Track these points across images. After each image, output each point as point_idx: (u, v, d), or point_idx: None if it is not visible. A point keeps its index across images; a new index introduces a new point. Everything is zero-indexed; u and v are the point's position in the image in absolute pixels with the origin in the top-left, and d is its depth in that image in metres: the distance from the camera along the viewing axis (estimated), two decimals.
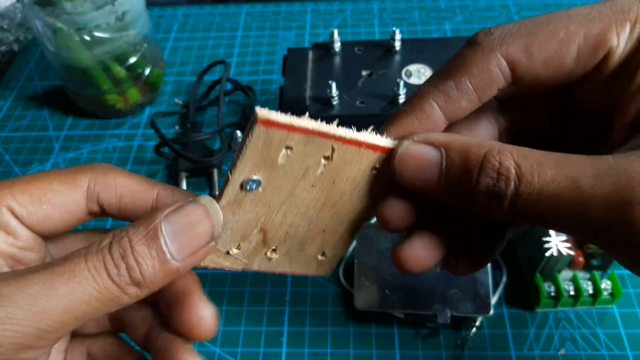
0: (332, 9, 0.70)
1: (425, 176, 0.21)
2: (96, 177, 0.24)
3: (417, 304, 0.39)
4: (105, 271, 0.20)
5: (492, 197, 0.20)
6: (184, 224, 0.21)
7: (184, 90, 0.61)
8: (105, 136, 0.56)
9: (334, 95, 0.41)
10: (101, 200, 0.24)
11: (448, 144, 0.21)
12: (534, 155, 0.19)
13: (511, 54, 0.22)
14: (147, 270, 0.20)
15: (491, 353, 0.38)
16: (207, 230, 0.22)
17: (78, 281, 0.19)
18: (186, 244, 0.21)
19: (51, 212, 0.23)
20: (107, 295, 0.20)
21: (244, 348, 0.40)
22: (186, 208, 0.21)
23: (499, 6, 0.67)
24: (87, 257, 0.20)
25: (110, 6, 0.49)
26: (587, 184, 0.18)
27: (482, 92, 0.23)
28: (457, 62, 0.23)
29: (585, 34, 0.21)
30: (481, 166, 0.20)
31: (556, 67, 0.22)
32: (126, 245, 0.20)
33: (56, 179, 0.24)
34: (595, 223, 0.19)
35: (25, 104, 0.61)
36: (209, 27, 0.69)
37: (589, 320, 0.39)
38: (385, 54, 0.45)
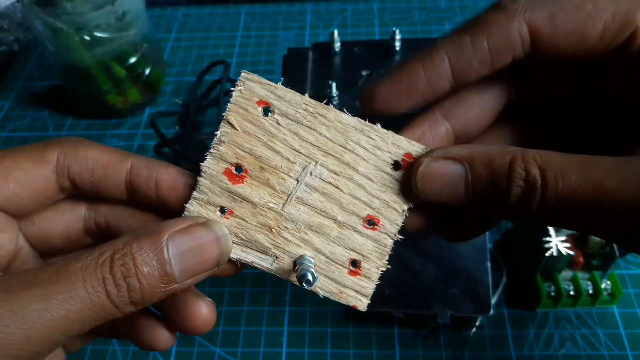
0: (332, 9, 0.70)
1: (450, 191, 0.21)
2: (65, 150, 0.23)
3: (417, 304, 0.39)
4: (105, 291, 0.19)
5: (522, 203, 0.20)
6: (193, 248, 0.20)
7: (184, 90, 0.61)
8: (105, 136, 0.56)
9: (334, 95, 0.41)
10: (72, 175, 0.23)
11: (471, 156, 0.21)
12: (557, 160, 0.19)
13: (535, 20, 0.21)
14: (147, 292, 0.20)
15: (491, 353, 0.38)
16: (214, 258, 0.21)
17: (74, 302, 0.18)
18: (191, 269, 0.20)
19: (19, 190, 0.22)
20: (101, 313, 0.19)
21: (244, 348, 0.40)
22: (196, 231, 0.21)
23: None
24: (85, 274, 0.19)
25: (110, 6, 0.49)
26: (612, 188, 0.18)
27: (497, 55, 0.22)
28: (479, 20, 0.22)
29: (614, 10, 0.21)
30: (509, 177, 0.20)
31: (579, 41, 0.21)
32: (130, 265, 0.19)
33: (22, 155, 0.23)
34: (622, 228, 0.19)
35: (25, 104, 0.61)
36: (209, 27, 0.69)
37: (589, 320, 0.39)
38: (385, 54, 0.45)
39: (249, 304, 0.42)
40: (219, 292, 0.43)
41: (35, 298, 0.18)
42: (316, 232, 0.23)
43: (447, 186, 0.21)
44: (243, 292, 0.43)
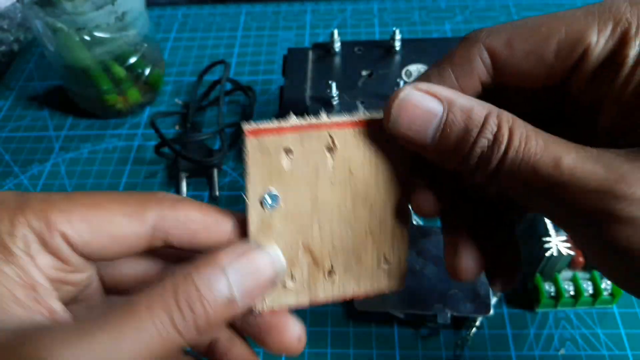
0: (332, 9, 0.70)
1: (419, 127, 0.21)
2: (164, 212, 0.23)
3: (417, 304, 0.39)
4: (170, 320, 0.19)
5: (482, 158, 0.20)
6: (250, 271, 0.21)
7: (184, 90, 0.61)
8: (105, 136, 0.56)
9: (334, 95, 0.41)
10: (170, 239, 0.23)
11: (452, 99, 0.21)
12: (528, 127, 0.20)
13: (493, 44, 0.22)
14: (212, 317, 0.20)
15: (491, 353, 0.38)
16: (270, 279, 0.22)
17: (142, 336, 0.19)
18: (250, 291, 0.21)
19: (108, 244, 0.22)
20: (167, 344, 0.19)
21: None
22: (252, 255, 0.22)
23: (499, 6, 0.67)
24: (151, 305, 0.19)
25: (110, 6, 0.49)
26: (567, 165, 0.19)
27: (464, 81, 0.23)
28: (448, 53, 0.24)
29: (566, 30, 0.22)
30: (482, 127, 0.20)
31: (536, 60, 0.22)
32: (193, 292, 0.20)
33: (120, 209, 0.22)
34: (569, 206, 0.19)
35: (25, 104, 0.61)
36: (209, 27, 0.69)
37: (589, 320, 0.39)
38: (385, 54, 0.45)
39: None
40: None
41: (106, 337, 0.18)
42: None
43: (419, 119, 0.21)
44: None
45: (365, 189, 0.23)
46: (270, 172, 0.21)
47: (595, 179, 0.18)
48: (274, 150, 0.21)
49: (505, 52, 0.22)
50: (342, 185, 0.23)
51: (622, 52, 0.21)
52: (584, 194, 0.18)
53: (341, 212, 0.23)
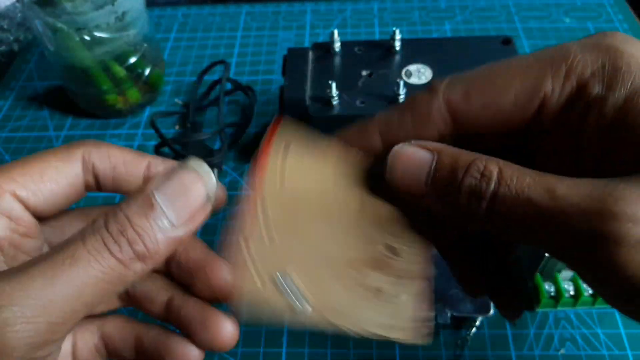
0: (332, 9, 0.70)
1: (413, 175, 0.22)
2: (89, 148, 0.24)
3: None
4: (107, 249, 0.19)
5: (473, 197, 0.21)
6: (177, 189, 0.21)
7: (184, 90, 0.61)
8: (105, 136, 0.56)
9: (334, 95, 0.41)
10: (96, 170, 0.24)
11: (441, 149, 0.22)
12: (518, 167, 0.20)
13: (451, 98, 0.23)
14: (149, 241, 0.20)
15: (491, 353, 0.38)
16: (201, 192, 0.22)
17: (80, 265, 0.19)
18: (182, 209, 0.21)
19: (55, 188, 0.23)
20: (112, 274, 0.19)
21: (244, 348, 0.40)
22: (177, 173, 0.22)
23: (499, 6, 0.67)
24: (85, 239, 0.20)
25: (110, 6, 0.49)
26: (562, 193, 0.19)
27: (420, 130, 0.24)
28: (409, 99, 0.25)
29: (522, 80, 0.22)
30: (468, 168, 0.21)
31: (495, 113, 0.23)
32: (123, 220, 0.20)
33: (51, 156, 0.24)
34: (567, 235, 0.19)
35: (25, 104, 0.61)
36: (209, 27, 0.69)
37: (589, 320, 0.39)
38: (385, 54, 0.45)
39: None
40: None
41: (41, 269, 0.19)
42: None
43: (413, 168, 0.22)
44: None
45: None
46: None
47: (592, 202, 0.18)
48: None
49: (463, 105, 0.23)
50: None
51: (583, 93, 0.21)
52: (582, 218, 0.18)
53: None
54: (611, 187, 0.18)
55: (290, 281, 0.23)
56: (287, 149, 0.24)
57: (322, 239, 0.23)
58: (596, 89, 0.21)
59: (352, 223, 0.24)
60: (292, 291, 0.22)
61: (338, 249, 0.23)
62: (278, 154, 0.24)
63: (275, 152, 0.24)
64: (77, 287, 0.19)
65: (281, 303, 0.22)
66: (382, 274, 0.23)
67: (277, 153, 0.24)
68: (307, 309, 0.22)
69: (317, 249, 0.23)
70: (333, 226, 0.24)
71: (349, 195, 0.24)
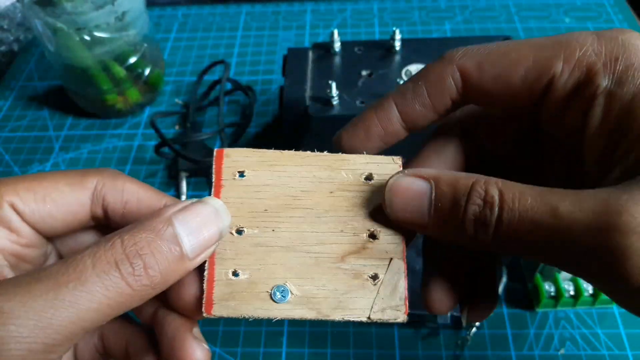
0: (332, 9, 0.70)
1: (414, 207, 0.22)
2: (104, 180, 0.24)
3: (417, 304, 0.39)
4: (118, 272, 0.19)
5: (478, 225, 0.21)
6: (196, 221, 0.21)
7: (184, 90, 0.61)
8: (105, 136, 0.56)
9: (334, 95, 0.41)
10: (106, 204, 0.24)
11: (437, 176, 0.22)
12: (517, 185, 0.20)
13: (465, 66, 0.24)
14: (164, 268, 0.20)
15: (491, 353, 0.38)
16: (216, 229, 0.22)
17: (86, 289, 0.18)
18: (198, 242, 0.21)
19: (54, 211, 0.23)
20: (117, 300, 0.19)
21: (244, 348, 0.40)
22: (196, 207, 0.22)
23: (499, 6, 0.67)
24: (95, 259, 0.19)
25: (110, 6, 0.49)
26: (565, 210, 0.19)
27: (435, 98, 0.24)
28: (423, 69, 0.25)
29: (534, 58, 0.22)
30: (469, 195, 0.21)
31: (504, 84, 0.23)
32: (142, 242, 0.20)
33: (63, 178, 0.24)
34: (575, 251, 0.19)
35: (25, 104, 0.61)
36: (209, 27, 0.69)
37: (589, 320, 0.39)
38: (385, 54, 0.45)
39: None
40: None
41: (44, 289, 0.18)
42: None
43: (412, 200, 0.22)
44: None
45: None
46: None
47: (596, 217, 0.18)
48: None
49: (476, 74, 0.23)
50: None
51: (591, 83, 0.21)
52: (588, 235, 0.18)
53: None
54: (613, 200, 0.18)
55: (269, 274, 0.23)
56: (240, 173, 0.25)
57: (294, 230, 0.24)
58: (605, 81, 0.21)
59: (325, 214, 0.24)
60: (271, 284, 0.23)
61: (312, 238, 0.24)
62: (232, 177, 0.24)
63: (228, 177, 0.24)
64: (79, 311, 0.18)
65: (259, 296, 0.23)
66: (360, 257, 0.23)
67: (231, 177, 0.24)
68: (287, 299, 0.23)
69: (290, 239, 0.23)
70: (306, 218, 0.24)
71: (318, 189, 0.24)
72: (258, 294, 0.23)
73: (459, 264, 0.26)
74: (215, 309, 0.22)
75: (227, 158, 0.25)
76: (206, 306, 0.22)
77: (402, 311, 0.23)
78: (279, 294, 0.23)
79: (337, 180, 0.24)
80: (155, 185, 0.51)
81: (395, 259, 0.23)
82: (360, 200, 0.24)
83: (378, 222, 0.24)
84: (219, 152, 0.25)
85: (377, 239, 0.24)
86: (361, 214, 0.24)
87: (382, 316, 0.22)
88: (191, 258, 0.21)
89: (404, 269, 0.23)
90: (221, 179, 0.24)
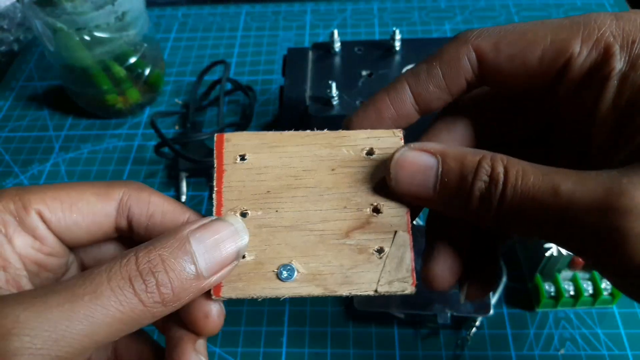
0: (332, 9, 0.70)
1: (420, 181, 0.22)
2: (131, 191, 0.24)
3: (417, 304, 0.39)
4: (131, 288, 0.19)
5: (483, 201, 0.21)
6: (213, 240, 0.21)
7: (184, 90, 0.61)
8: (105, 136, 0.56)
9: (334, 95, 0.41)
10: (131, 216, 0.24)
11: (444, 152, 0.22)
12: (522, 163, 0.20)
13: (480, 46, 0.23)
14: (177, 287, 0.20)
15: (491, 353, 0.38)
16: (234, 248, 0.22)
17: (100, 302, 0.18)
18: (214, 261, 0.21)
19: (80, 221, 0.23)
20: (131, 315, 0.19)
21: (244, 348, 0.40)
22: (214, 225, 0.21)
23: (499, 6, 0.67)
24: (110, 276, 0.19)
25: (110, 6, 0.49)
26: (567, 190, 0.19)
27: (450, 79, 0.24)
28: (437, 51, 0.25)
29: (552, 38, 0.22)
30: (476, 171, 0.21)
31: (520, 65, 0.23)
32: (156, 260, 0.19)
33: (90, 188, 0.24)
34: (574, 231, 0.19)
35: (25, 104, 0.61)
36: (209, 27, 0.69)
37: (589, 320, 0.39)
38: (385, 54, 0.45)
39: (249, 304, 0.42)
40: None
41: (61, 300, 0.18)
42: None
43: (418, 174, 0.22)
44: None
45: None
46: None
47: (596, 198, 0.18)
48: None
49: (492, 54, 0.23)
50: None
51: (606, 65, 0.21)
52: (587, 215, 0.18)
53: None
54: (615, 182, 0.18)
55: (275, 254, 0.23)
56: (241, 157, 0.25)
57: (297, 209, 0.24)
58: (620, 63, 0.21)
59: (327, 191, 0.24)
60: (277, 263, 0.23)
61: (316, 216, 0.24)
62: (233, 161, 0.25)
63: (230, 161, 0.25)
64: (92, 325, 0.18)
65: (265, 275, 0.23)
66: (365, 232, 0.23)
67: (232, 161, 0.25)
68: (294, 277, 0.23)
69: (293, 218, 0.24)
70: (309, 197, 0.24)
71: (319, 168, 0.24)
72: (265, 274, 0.23)
73: (461, 239, 0.26)
74: (223, 291, 0.22)
75: (228, 142, 0.25)
76: (214, 289, 0.22)
77: (410, 282, 0.22)
78: (285, 273, 0.23)
79: (338, 157, 0.24)
80: (155, 186, 0.51)
81: (400, 231, 0.23)
82: (363, 176, 0.24)
83: (381, 196, 0.24)
84: (219, 137, 0.25)
85: (381, 213, 0.23)
86: (364, 189, 0.24)
87: (390, 289, 0.22)
88: (206, 277, 0.21)
89: (410, 241, 0.23)
90: (223, 163, 0.25)
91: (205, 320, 0.23)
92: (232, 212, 0.24)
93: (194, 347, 0.24)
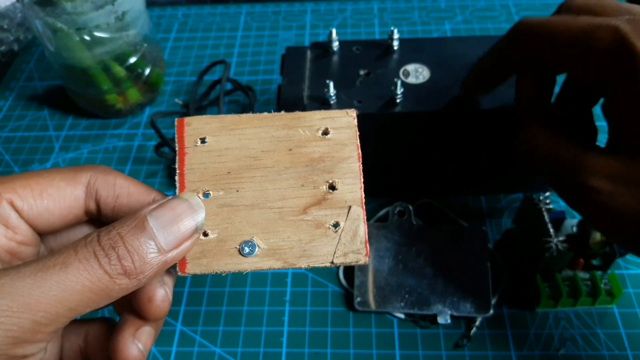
0: (332, 9, 0.70)
1: None
2: (97, 174, 0.25)
3: (417, 304, 0.39)
4: (96, 261, 0.20)
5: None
6: (169, 216, 0.22)
7: (184, 90, 0.61)
8: (105, 136, 0.56)
9: (331, 95, 0.41)
10: (99, 197, 0.25)
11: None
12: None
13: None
14: (137, 260, 0.21)
15: (491, 353, 0.38)
16: (191, 222, 0.23)
17: (69, 271, 0.20)
18: (172, 235, 0.22)
19: (51, 206, 0.24)
20: (98, 285, 0.20)
21: (244, 348, 0.40)
22: (170, 203, 0.23)
23: (499, 6, 0.67)
24: (77, 249, 0.20)
25: (110, 6, 0.49)
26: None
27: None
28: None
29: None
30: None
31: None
32: (115, 237, 0.21)
33: (57, 174, 0.24)
34: (594, 52, 0.24)
35: (25, 104, 0.61)
36: (209, 27, 0.69)
37: (589, 320, 0.39)
38: (383, 54, 0.45)
39: (249, 304, 0.42)
40: (219, 292, 0.43)
41: (33, 270, 0.19)
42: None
43: None
44: (243, 292, 0.43)
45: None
46: None
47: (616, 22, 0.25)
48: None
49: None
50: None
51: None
52: (607, 34, 0.25)
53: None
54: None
55: (236, 232, 0.24)
56: (201, 139, 0.26)
57: (257, 188, 0.25)
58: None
59: (285, 171, 0.25)
60: (239, 240, 0.24)
61: (275, 195, 0.25)
62: (194, 144, 0.26)
63: (190, 144, 0.26)
64: (64, 291, 0.19)
65: (228, 252, 0.24)
66: (322, 208, 0.24)
67: (193, 144, 0.26)
68: (255, 252, 0.24)
69: (253, 197, 0.25)
70: (267, 176, 0.25)
71: (277, 148, 0.25)
72: (227, 250, 0.24)
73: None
74: (189, 267, 0.24)
75: (189, 127, 0.26)
76: (180, 265, 0.24)
77: (363, 254, 0.24)
78: (247, 249, 0.24)
79: (295, 138, 0.25)
80: (155, 186, 0.51)
81: (354, 206, 0.24)
82: (319, 155, 0.25)
83: (336, 173, 0.25)
84: (179, 122, 0.26)
85: (336, 190, 0.25)
86: (320, 167, 0.25)
87: (345, 260, 0.24)
88: (167, 250, 0.22)
89: (363, 215, 0.24)
90: (184, 146, 0.26)
91: (149, 304, 0.24)
92: (194, 193, 0.25)
93: (134, 333, 0.24)
